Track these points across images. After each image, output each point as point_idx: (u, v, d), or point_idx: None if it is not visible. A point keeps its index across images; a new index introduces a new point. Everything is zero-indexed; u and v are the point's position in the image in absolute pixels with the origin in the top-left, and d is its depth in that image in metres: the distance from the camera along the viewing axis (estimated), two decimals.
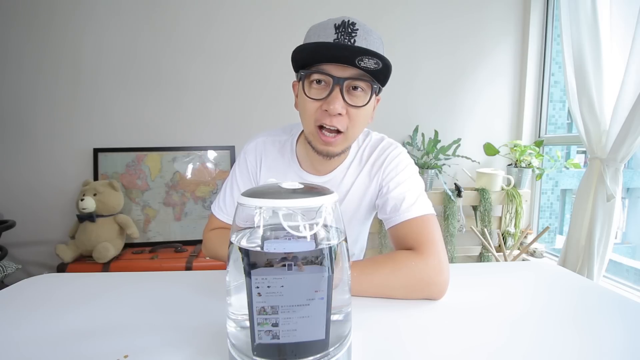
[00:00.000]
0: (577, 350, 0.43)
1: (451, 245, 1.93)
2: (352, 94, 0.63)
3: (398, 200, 0.72)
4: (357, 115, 0.65)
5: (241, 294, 0.35)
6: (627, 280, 1.63)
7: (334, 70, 0.61)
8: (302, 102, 0.66)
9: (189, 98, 1.94)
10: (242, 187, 0.80)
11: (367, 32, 0.62)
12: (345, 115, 0.64)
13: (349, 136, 0.67)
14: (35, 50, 1.84)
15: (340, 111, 0.62)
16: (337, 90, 0.61)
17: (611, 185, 1.42)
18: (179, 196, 1.93)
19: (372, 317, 0.50)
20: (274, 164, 0.79)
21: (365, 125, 0.69)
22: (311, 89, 0.64)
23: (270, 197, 0.35)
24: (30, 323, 0.49)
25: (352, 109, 0.64)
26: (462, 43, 2.06)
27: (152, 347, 0.43)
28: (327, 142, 0.66)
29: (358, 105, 0.63)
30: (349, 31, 0.61)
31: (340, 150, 0.69)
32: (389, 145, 0.79)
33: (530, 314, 0.52)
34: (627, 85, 1.34)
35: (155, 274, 0.68)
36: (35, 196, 1.88)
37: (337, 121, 0.64)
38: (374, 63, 0.58)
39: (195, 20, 1.91)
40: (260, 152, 0.80)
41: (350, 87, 0.63)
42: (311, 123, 0.66)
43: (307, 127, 0.68)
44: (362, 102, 0.64)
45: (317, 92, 0.64)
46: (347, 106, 0.63)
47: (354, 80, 0.62)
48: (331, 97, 0.62)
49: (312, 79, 0.64)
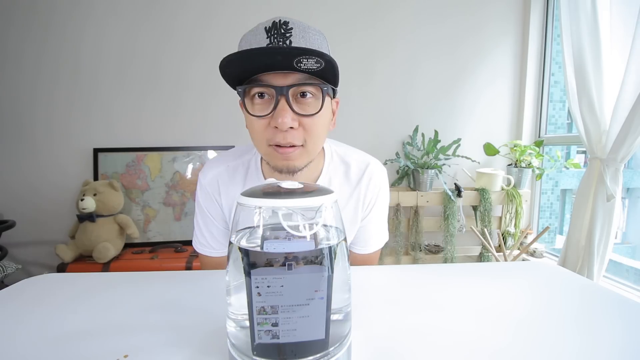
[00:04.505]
0: (577, 350, 0.43)
1: (451, 245, 1.93)
2: (301, 102, 0.56)
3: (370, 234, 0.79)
4: (313, 125, 0.57)
5: (241, 294, 0.35)
6: (627, 280, 1.63)
7: (274, 80, 0.54)
8: (249, 122, 0.58)
9: (188, 98, 1.94)
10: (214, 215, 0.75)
11: (303, 29, 0.54)
12: (299, 127, 0.56)
13: (309, 149, 0.60)
14: (34, 50, 1.84)
15: (291, 124, 0.54)
16: (283, 101, 0.54)
17: (611, 185, 1.42)
18: (179, 196, 1.93)
19: (372, 317, 0.50)
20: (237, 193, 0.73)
21: (325, 133, 0.62)
22: (254, 105, 0.57)
23: (270, 196, 0.35)
24: (30, 323, 0.49)
25: (305, 119, 0.56)
26: (462, 43, 2.07)
27: (152, 347, 0.43)
28: (286, 157, 0.58)
29: (310, 113, 0.55)
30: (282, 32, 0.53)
31: (303, 165, 0.62)
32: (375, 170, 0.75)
33: (530, 314, 0.52)
34: (627, 85, 1.34)
35: (155, 274, 0.68)
36: (35, 196, 1.88)
37: (292, 136, 0.56)
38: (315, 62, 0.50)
39: (195, 19, 1.91)
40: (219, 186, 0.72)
41: (297, 95, 0.56)
42: (263, 144, 0.59)
43: (260, 148, 0.61)
44: (315, 110, 0.56)
45: (261, 107, 0.56)
46: (299, 117, 0.55)
47: (300, 87, 0.54)
48: (278, 111, 0.54)
49: (253, 94, 0.56)
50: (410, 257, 1.98)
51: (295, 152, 0.58)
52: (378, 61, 2.02)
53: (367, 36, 2.00)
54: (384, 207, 0.79)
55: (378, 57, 2.02)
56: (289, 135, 0.56)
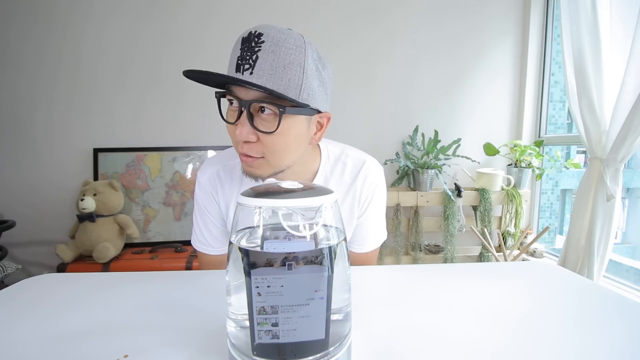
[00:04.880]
0: (576, 350, 0.43)
1: (451, 245, 1.93)
2: (261, 117, 0.57)
3: (367, 232, 0.79)
4: (270, 142, 0.58)
5: (241, 294, 0.35)
6: (627, 280, 1.63)
7: (240, 92, 0.56)
8: (226, 125, 0.61)
9: (189, 98, 1.94)
10: (212, 213, 0.77)
11: (276, 43, 0.53)
12: (257, 141, 0.58)
13: (271, 162, 0.61)
14: (34, 50, 1.84)
15: (246, 138, 0.57)
16: (245, 114, 0.56)
17: (611, 185, 1.42)
18: (179, 196, 1.93)
19: (372, 317, 0.50)
20: (239, 190, 0.74)
21: (292, 149, 0.61)
22: (228, 110, 0.60)
23: (269, 196, 0.35)
24: (30, 323, 0.49)
25: (263, 135, 0.57)
26: (462, 43, 2.07)
27: (152, 347, 0.43)
28: (248, 165, 0.61)
29: (266, 131, 0.56)
30: (252, 45, 0.54)
31: (267, 174, 0.63)
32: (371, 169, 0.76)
33: (530, 314, 0.52)
34: (627, 85, 1.34)
35: (155, 274, 0.68)
36: (35, 196, 1.88)
37: (249, 148, 0.59)
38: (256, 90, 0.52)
39: (195, 19, 1.91)
40: (216, 183, 0.75)
41: (258, 110, 0.57)
42: (236, 147, 0.62)
43: (235, 149, 0.64)
44: (271, 128, 0.56)
45: (231, 114, 0.59)
46: (257, 132, 0.57)
47: (260, 102, 0.55)
48: (239, 122, 0.56)
49: (227, 98, 0.59)
50: (410, 257, 1.98)
51: (255, 162, 0.61)
52: (378, 61, 2.02)
53: (368, 36, 2.00)
54: (380, 205, 0.79)
55: (378, 57, 2.02)
56: (246, 147, 0.59)
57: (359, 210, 0.77)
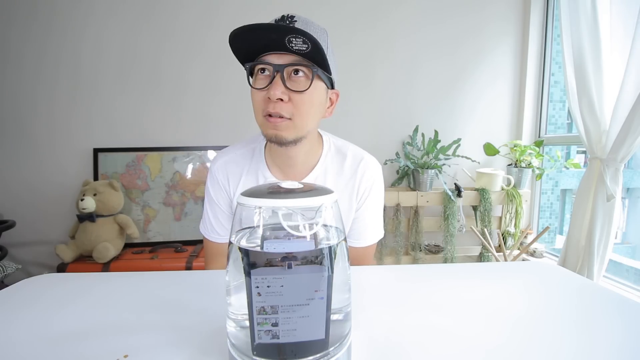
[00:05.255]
0: (576, 350, 0.43)
1: (451, 245, 1.93)
2: (293, 79, 0.64)
3: (364, 226, 0.80)
4: (300, 101, 0.64)
5: (241, 294, 0.35)
6: (627, 280, 1.63)
7: (273, 59, 0.63)
8: (252, 94, 0.67)
9: (189, 98, 1.94)
10: (222, 203, 0.81)
11: (305, 22, 0.62)
12: (288, 101, 0.64)
13: (297, 123, 0.66)
14: (35, 51, 1.84)
15: (280, 96, 0.62)
16: (278, 77, 0.62)
17: (611, 185, 1.42)
18: (179, 196, 1.93)
19: (372, 317, 0.50)
20: (246, 177, 0.79)
21: (314, 114, 0.68)
22: (257, 79, 0.66)
23: (269, 196, 0.35)
24: (30, 323, 0.49)
25: (295, 95, 0.64)
26: (462, 43, 2.07)
27: (152, 347, 0.43)
28: (275, 127, 0.66)
29: (299, 90, 0.63)
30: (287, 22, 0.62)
31: (290, 138, 0.67)
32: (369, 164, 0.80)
33: (530, 314, 0.52)
34: (627, 85, 1.34)
35: (155, 274, 0.68)
36: (35, 196, 1.88)
37: (280, 107, 0.64)
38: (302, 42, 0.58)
39: (195, 20, 1.91)
40: (228, 172, 0.80)
41: (291, 73, 0.64)
42: (260, 113, 0.67)
43: (257, 118, 0.69)
44: (304, 87, 0.64)
45: (261, 81, 0.65)
46: (289, 92, 0.63)
47: (294, 66, 0.62)
48: (272, 84, 0.63)
49: (257, 70, 0.65)
50: (410, 257, 1.98)
51: (283, 124, 0.65)
52: (378, 62, 2.02)
53: (368, 37, 2.00)
54: (378, 200, 0.82)
55: (378, 57, 2.02)
56: (278, 106, 0.64)
57: (357, 203, 0.79)
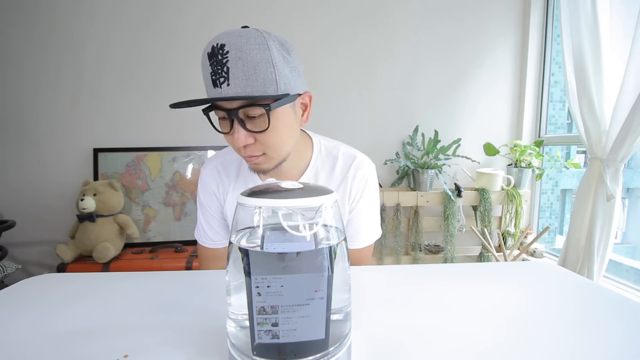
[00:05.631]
0: (576, 350, 0.43)
1: (451, 245, 1.93)
2: (252, 120, 0.61)
3: (358, 228, 0.78)
4: (267, 139, 0.63)
5: (241, 294, 0.35)
6: (627, 280, 1.63)
7: (225, 104, 0.60)
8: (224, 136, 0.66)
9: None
10: (212, 208, 0.81)
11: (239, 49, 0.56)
12: (255, 142, 0.63)
13: (272, 156, 0.66)
14: (35, 51, 1.84)
15: (245, 142, 0.62)
16: (236, 122, 0.60)
17: (611, 185, 1.42)
18: (179, 196, 1.93)
19: (372, 317, 0.50)
20: (235, 185, 0.79)
21: (287, 139, 0.66)
22: (221, 123, 0.65)
23: (269, 196, 0.35)
24: (30, 323, 0.49)
25: (258, 135, 0.62)
26: (463, 43, 2.07)
27: (152, 347, 0.43)
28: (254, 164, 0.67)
29: (260, 130, 0.61)
30: (220, 58, 0.57)
31: (271, 166, 0.69)
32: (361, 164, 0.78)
33: (530, 314, 0.52)
34: (627, 85, 1.34)
35: (155, 274, 0.68)
36: (36, 196, 1.88)
37: (250, 150, 0.64)
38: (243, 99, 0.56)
39: (195, 20, 1.91)
40: (218, 179, 0.80)
41: (247, 115, 0.60)
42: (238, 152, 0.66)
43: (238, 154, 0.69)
44: (264, 127, 0.61)
45: (224, 125, 0.64)
46: (252, 134, 0.62)
47: (247, 108, 0.59)
48: (233, 131, 0.61)
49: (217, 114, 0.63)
50: (410, 257, 1.98)
51: (258, 159, 0.66)
52: (378, 62, 2.02)
53: (368, 38, 2.00)
54: (372, 200, 0.80)
55: (378, 58, 2.02)
56: (248, 150, 0.64)
57: (349, 205, 0.78)
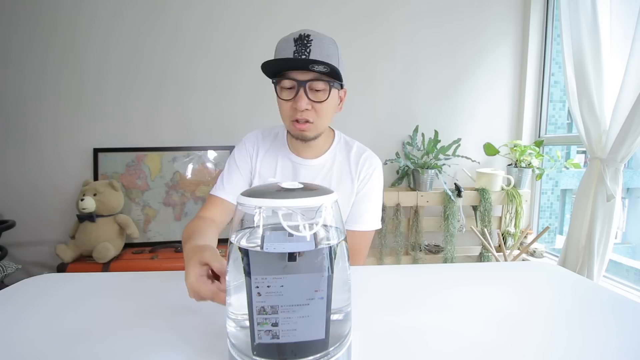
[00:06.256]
0: (576, 350, 0.43)
1: (451, 245, 1.93)
2: (314, 92, 0.78)
3: (364, 209, 0.91)
4: (321, 109, 0.79)
5: (241, 294, 0.35)
6: (627, 280, 1.63)
7: (297, 75, 0.76)
8: (279, 103, 0.82)
9: (189, 98, 1.94)
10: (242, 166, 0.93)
11: (320, 40, 0.75)
12: (311, 109, 0.79)
13: (318, 125, 0.82)
14: (36, 51, 1.84)
15: (305, 107, 0.77)
16: (302, 91, 0.76)
17: (611, 185, 1.42)
18: (179, 196, 1.93)
19: (372, 317, 0.50)
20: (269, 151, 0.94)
21: (331, 114, 0.84)
22: (283, 92, 0.79)
23: (270, 196, 0.35)
24: (31, 323, 0.49)
25: (316, 104, 0.78)
26: (463, 44, 2.07)
27: (152, 347, 0.43)
28: (301, 130, 0.81)
29: (320, 100, 0.78)
30: (305, 42, 0.75)
31: (313, 135, 0.84)
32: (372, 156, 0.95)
33: (530, 314, 0.52)
34: (627, 85, 1.34)
35: (155, 274, 0.68)
36: (36, 196, 1.88)
37: (306, 114, 0.79)
38: (323, 67, 0.73)
39: (196, 21, 1.91)
40: (257, 142, 0.95)
41: (312, 87, 0.77)
42: (287, 119, 0.82)
43: (284, 122, 0.84)
44: (323, 98, 0.78)
45: (287, 94, 0.79)
46: (312, 102, 0.77)
47: (314, 82, 0.76)
48: (297, 97, 0.77)
49: (283, 85, 0.78)
50: (410, 257, 1.98)
51: (307, 126, 0.81)
52: (379, 63, 2.02)
53: (369, 39, 1.99)
54: (376, 190, 0.93)
55: (379, 59, 2.02)
56: (304, 114, 0.79)
57: (358, 185, 0.92)
